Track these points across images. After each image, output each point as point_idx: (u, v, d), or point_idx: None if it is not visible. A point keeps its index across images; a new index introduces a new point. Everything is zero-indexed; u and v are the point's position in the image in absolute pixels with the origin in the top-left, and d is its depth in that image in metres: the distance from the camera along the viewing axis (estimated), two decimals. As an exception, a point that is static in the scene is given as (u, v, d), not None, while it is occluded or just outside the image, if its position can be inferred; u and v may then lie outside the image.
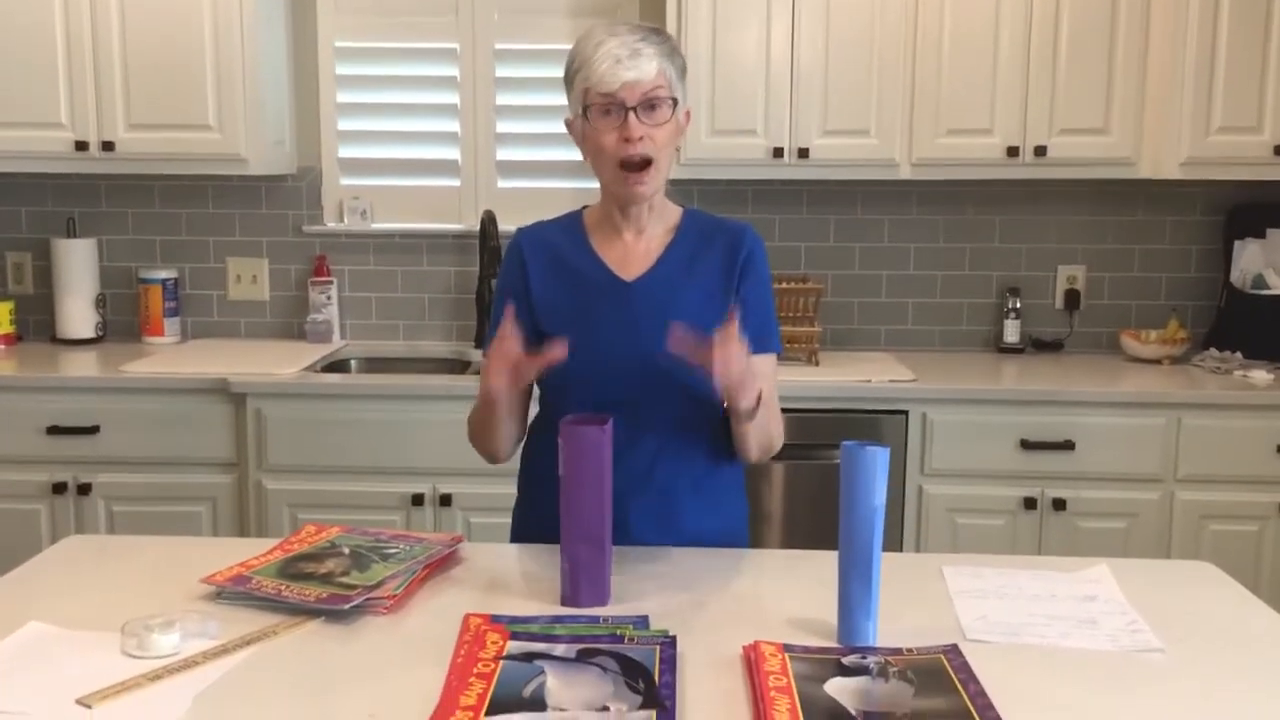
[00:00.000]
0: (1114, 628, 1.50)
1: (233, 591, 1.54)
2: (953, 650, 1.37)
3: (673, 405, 1.78)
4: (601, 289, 1.80)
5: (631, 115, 1.69)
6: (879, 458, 1.40)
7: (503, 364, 1.63)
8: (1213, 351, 3.37)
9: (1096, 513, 3.04)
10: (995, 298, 3.60)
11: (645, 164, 1.71)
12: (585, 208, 1.89)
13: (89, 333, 3.53)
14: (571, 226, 1.87)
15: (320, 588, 1.53)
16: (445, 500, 3.03)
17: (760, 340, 1.77)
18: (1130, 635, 1.47)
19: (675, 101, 1.73)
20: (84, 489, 3.06)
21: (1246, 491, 3.03)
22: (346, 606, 1.47)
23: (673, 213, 1.86)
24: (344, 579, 1.56)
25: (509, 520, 1.96)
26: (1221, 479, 3.03)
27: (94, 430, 3.06)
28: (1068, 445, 3.02)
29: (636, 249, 1.82)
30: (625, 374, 1.74)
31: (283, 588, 1.53)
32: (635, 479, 1.77)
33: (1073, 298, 3.59)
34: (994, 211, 3.57)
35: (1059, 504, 3.03)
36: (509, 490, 1.97)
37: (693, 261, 1.82)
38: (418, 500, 3.02)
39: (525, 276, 1.82)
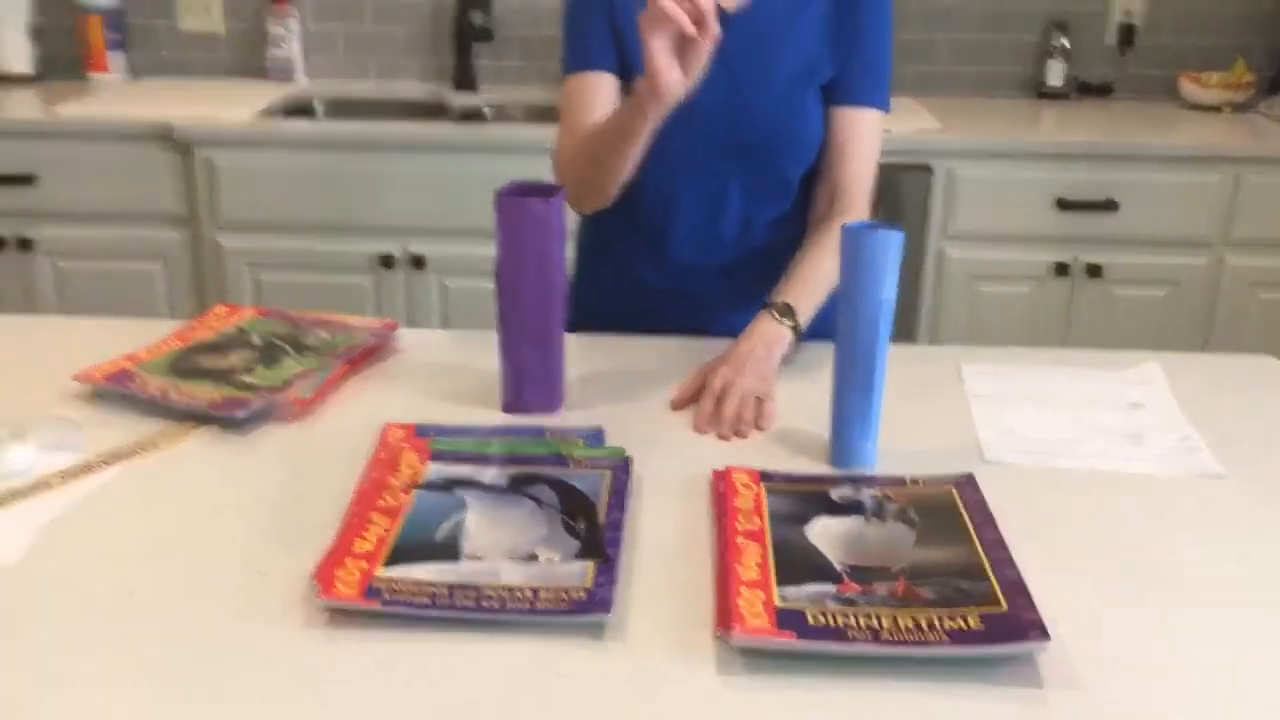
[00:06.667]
0: (1163, 445, 1.24)
1: (110, 391, 1.29)
2: (967, 482, 1.12)
3: (763, 170, 1.50)
4: None
5: None
6: (890, 242, 1.12)
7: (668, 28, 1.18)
8: (1282, 98, 2.99)
9: (1135, 280, 2.75)
10: (1039, 36, 3.18)
11: None
12: None
13: (25, 68, 3.17)
14: None
15: (214, 388, 1.28)
16: (418, 262, 2.75)
17: (866, 91, 1.49)
18: (1182, 456, 1.22)
19: None
20: (25, 244, 2.80)
21: (1304, 258, 2.74)
22: (241, 414, 1.23)
23: None
24: (246, 377, 1.31)
25: (491, 285, 1.67)
26: (1278, 242, 2.73)
27: (30, 180, 2.76)
28: (1110, 205, 2.70)
29: None
30: (709, 125, 1.44)
31: (170, 388, 1.28)
32: (712, 252, 1.55)
33: (1127, 34, 3.16)
34: (1045, -69, 3.11)
35: (1094, 270, 2.74)
36: (491, 252, 1.67)
37: None
38: (387, 262, 2.75)
39: None
